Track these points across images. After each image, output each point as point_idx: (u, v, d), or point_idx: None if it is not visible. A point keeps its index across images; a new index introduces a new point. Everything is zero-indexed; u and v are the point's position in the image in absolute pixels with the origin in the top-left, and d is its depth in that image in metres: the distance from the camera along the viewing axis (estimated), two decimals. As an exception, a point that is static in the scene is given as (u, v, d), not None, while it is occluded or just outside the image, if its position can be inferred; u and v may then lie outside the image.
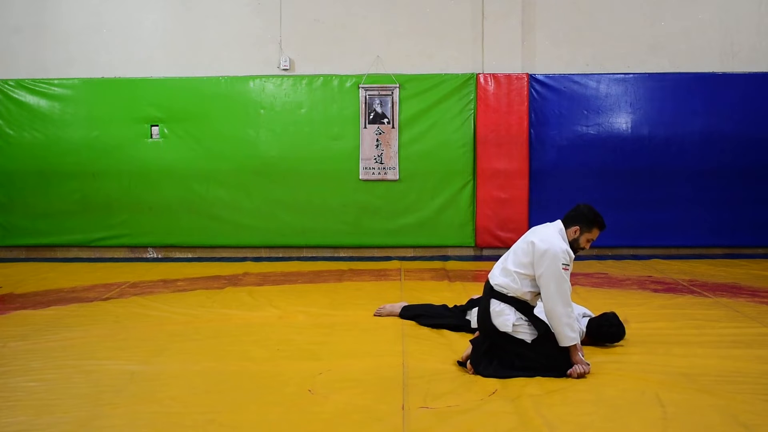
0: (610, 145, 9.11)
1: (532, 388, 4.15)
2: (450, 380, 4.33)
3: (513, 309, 4.49)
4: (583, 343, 4.89)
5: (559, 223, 4.61)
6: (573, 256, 4.48)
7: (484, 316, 4.54)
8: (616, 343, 5.04)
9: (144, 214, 9.29)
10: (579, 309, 5.13)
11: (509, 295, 4.50)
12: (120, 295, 6.96)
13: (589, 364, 4.44)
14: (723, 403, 3.89)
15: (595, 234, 4.60)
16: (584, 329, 4.99)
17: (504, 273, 4.55)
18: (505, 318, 4.46)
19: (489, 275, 4.67)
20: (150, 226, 9.31)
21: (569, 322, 4.39)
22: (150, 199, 9.26)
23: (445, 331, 5.42)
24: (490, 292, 4.56)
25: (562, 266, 4.37)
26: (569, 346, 4.41)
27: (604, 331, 5.00)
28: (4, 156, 9.26)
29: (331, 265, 8.60)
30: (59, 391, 4.19)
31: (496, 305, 4.50)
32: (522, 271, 4.48)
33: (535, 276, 4.44)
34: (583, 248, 4.60)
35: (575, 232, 4.55)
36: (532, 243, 4.46)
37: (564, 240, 4.51)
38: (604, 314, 5.09)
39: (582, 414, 3.78)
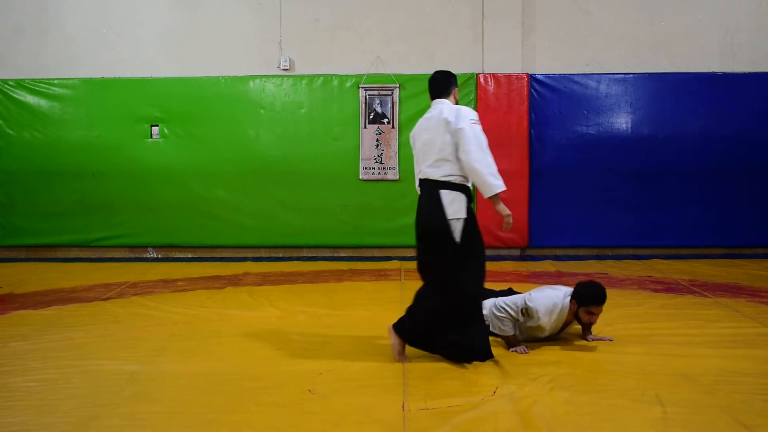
0: (610, 145, 9.11)
1: (532, 388, 4.16)
2: (450, 380, 4.33)
3: (464, 196, 4.63)
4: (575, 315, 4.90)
5: (446, 102, 4.80)
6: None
7: (433, 209, 4.59)
8: (600, 306, 4.89)
9: (144, 214, 9.29)
10: (564, 289, 5.06)
11: (457, 182, 4.61)
12: (120, 295, 6.96)
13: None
14: (723, 403, 3.89)
15: (457, 93, 4.91)
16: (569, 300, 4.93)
17: (437, 165, 4.64)
18: (458, 205, 4.59)
19: (420, 176, 4.77)
20: (150, 226, 9.31)
21: (492, 171, 4.52)
22: (150, 199, 9.27)
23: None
24: (436, 185, 4.63)
25: (471, 122, 4.56)
26: (493, 198, 4.55)
27: (589, 293, 4.87)
28: (4, 156, 9.27)
29: (331, 265, 8.60)
30: (59, 391, 4.19)
31: (447, 194, 4.60)
32: (452, 151, 4.58)
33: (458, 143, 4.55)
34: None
35: (456, 93, 4.87)
36: (446, 120, 4.59)
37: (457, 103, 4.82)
38: (581, 282, 5.04)
39: (582, 414, 3.78)
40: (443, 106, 4.74)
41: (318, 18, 9.27)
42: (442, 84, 4.86)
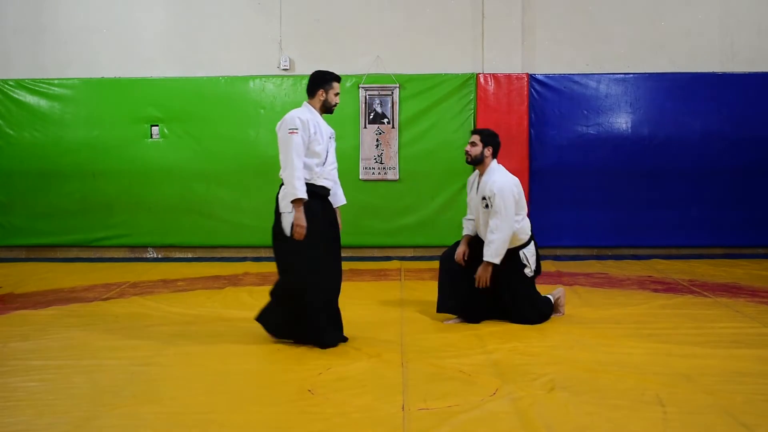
0: (610, 145, 9.11)
1: (532, 388, 4.16)
2: (450, 380, 4.33)
3: None
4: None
5: (303, 104, 5.10)
6: (305, 120, 4.93)
7: (276, 209, 5.08)
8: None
9: (144, 214, 9.29)
10: None
11: None
12: (120, 295, 6.96)
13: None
14: (723, 403, 3.89)
15: (336, 87, 5.09)
16: None
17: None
18: (287, 202, 4.97)
19: None
20: (150, 226, 9.31)
21: (298, 175, 4.90)
22: (150, 199, 9.26)
23: (446, 330, 5.42)
24: (281, 182, 5.07)
25: (289, 131, 4.92)
26: (293, 203, 4.91)
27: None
28: (4, 156, 9.27)
29: (331, 265, 8.59)
30: (59, 391, 4.19)
31: (282, 190, 5.06)
32: None
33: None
34: (336, 104, 5.12)
35: (322, 94, 5.05)
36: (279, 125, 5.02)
37: (310, 110, 5.04)
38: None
39: (582, 414, 3.78)
40: (295, 109, 5.06)
41: (318, 18, 9.27)
42: (308, 86, 5.11)
